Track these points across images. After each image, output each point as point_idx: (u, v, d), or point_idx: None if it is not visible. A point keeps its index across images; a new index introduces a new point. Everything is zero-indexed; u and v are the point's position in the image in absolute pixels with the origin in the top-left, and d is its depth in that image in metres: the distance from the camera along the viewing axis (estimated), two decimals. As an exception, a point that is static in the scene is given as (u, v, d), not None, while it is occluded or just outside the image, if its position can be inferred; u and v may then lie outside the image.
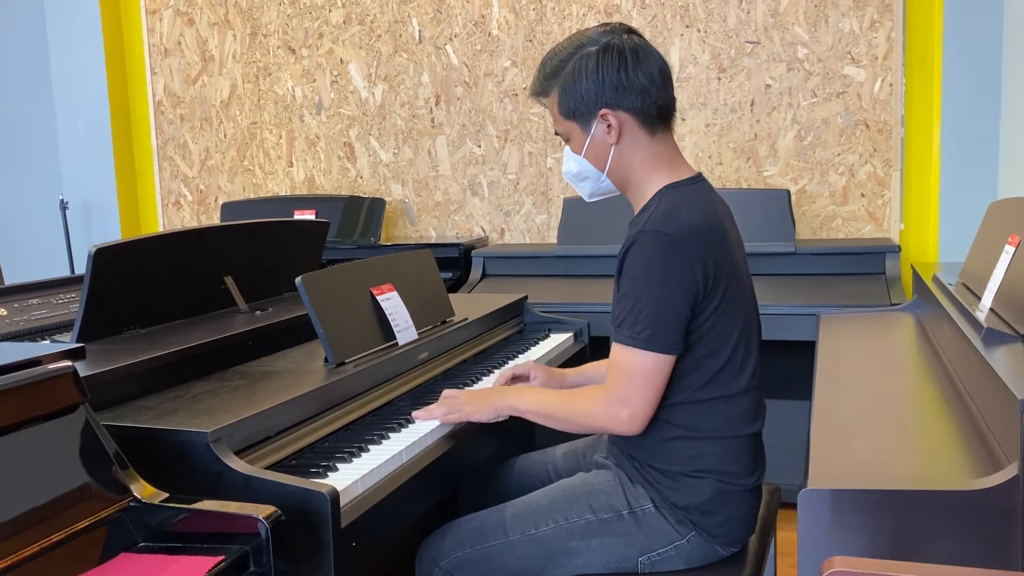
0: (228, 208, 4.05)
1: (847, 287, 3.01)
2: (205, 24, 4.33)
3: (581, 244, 3.42)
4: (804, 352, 2.57)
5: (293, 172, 4.27)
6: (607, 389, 1.57)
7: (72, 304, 2.27)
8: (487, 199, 3.97)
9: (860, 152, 3.46)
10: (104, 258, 1.81)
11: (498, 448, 1.96)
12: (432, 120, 4.01)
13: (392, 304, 2.04)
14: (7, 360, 1.23)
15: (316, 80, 4.17)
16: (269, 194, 4.31)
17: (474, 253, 3.54)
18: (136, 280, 1.91)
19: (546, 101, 1.67)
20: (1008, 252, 1.91)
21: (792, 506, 1.40)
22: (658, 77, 1.59)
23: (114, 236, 4.38)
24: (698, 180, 1.64)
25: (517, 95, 3.87)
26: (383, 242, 3.84)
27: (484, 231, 4.00)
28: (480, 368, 2.19)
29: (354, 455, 1.55)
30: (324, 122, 4.18)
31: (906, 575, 0.93)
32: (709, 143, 3.62)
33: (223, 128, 4.36)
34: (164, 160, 4.48)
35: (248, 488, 1.33)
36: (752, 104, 3.56)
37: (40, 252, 4.55)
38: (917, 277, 2.71)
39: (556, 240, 3.55)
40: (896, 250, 3.11)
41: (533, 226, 3.92)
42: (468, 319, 2.33)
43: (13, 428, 1.17)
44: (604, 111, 1.59)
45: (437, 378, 2.08)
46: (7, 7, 4.60)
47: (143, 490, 1.28)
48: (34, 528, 1.14)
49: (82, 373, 1.33)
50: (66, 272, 4.22)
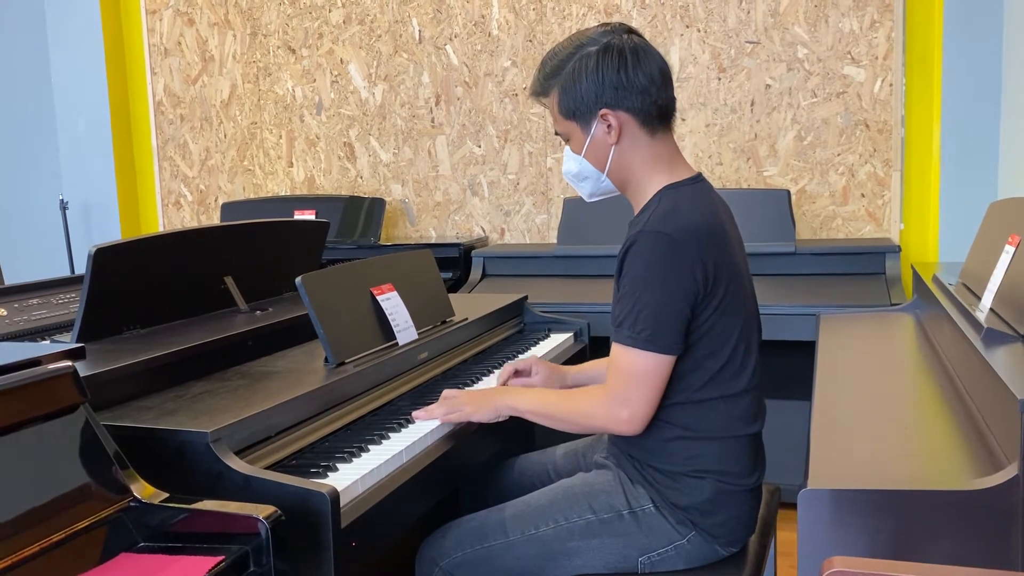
0: (228, 208, 4.05)
1: (847, 287, 3.01)
2: (205, 24, 4.33)
3: (581, 244, 3.42)
4: (804, 352, 2.57)
5: (293, 172, 4.27)
6: (607, 389, 1.57)
7: (72, 304, 2.27)
8: (487, 199, 3.97)
9: (860, 152, 3.46)
10: (104, 258, 1.81)
11: (498, 448, 1.96)
12: (432, 120, 4.01)
13: (392, 304, 2.04)
14: (7, 360, 1.23)
15: (316, 80, 4.17)
16: (269, 194, 4.31)
17: (474, 253, 3.54)
18: (136, 280, 1.91)
19: (546, 101, 1.67)
20: (1008, 252, 1.91)
21: (792, 506, 1.40)
22: (658, 77, 1.59)
23: (114, 236, 4.38)
24: (698, 180, 1.64)
25: (517, 95, 3.87)
26: (383, 242, 3.84)
27: (484, 231, 3.99)
28: (480, 368, 2.19)
29: (354, 455, 1.55)
30: (324, 122, 4.18)
31: (906, 575, 0.93)
32: (709, 143, 3.62)
33: (223, 128, 4.36)
34: (164, 160, 4.48)
35: (248, 488, 1.33)
36: (752, 104, 3.56)
37: (40, 252, 4.55)
38: (917, 277, 2.71)
39: (556, 240, 3.55)
40: (896, 250, 3.11)
41: (533, 226, 3.92)
42: (468, 319, 2.34)
43: (13, 428, 1.17)
44: (604, 111, 1.59)
45: (437, 378, 2.08)
46: (7, 7, 4.60)
47: (143, 490, 1.28)
48: (34, 528, 1.14)
49: (82, 373, 1.33)
50: (66, 272, 4.22)
